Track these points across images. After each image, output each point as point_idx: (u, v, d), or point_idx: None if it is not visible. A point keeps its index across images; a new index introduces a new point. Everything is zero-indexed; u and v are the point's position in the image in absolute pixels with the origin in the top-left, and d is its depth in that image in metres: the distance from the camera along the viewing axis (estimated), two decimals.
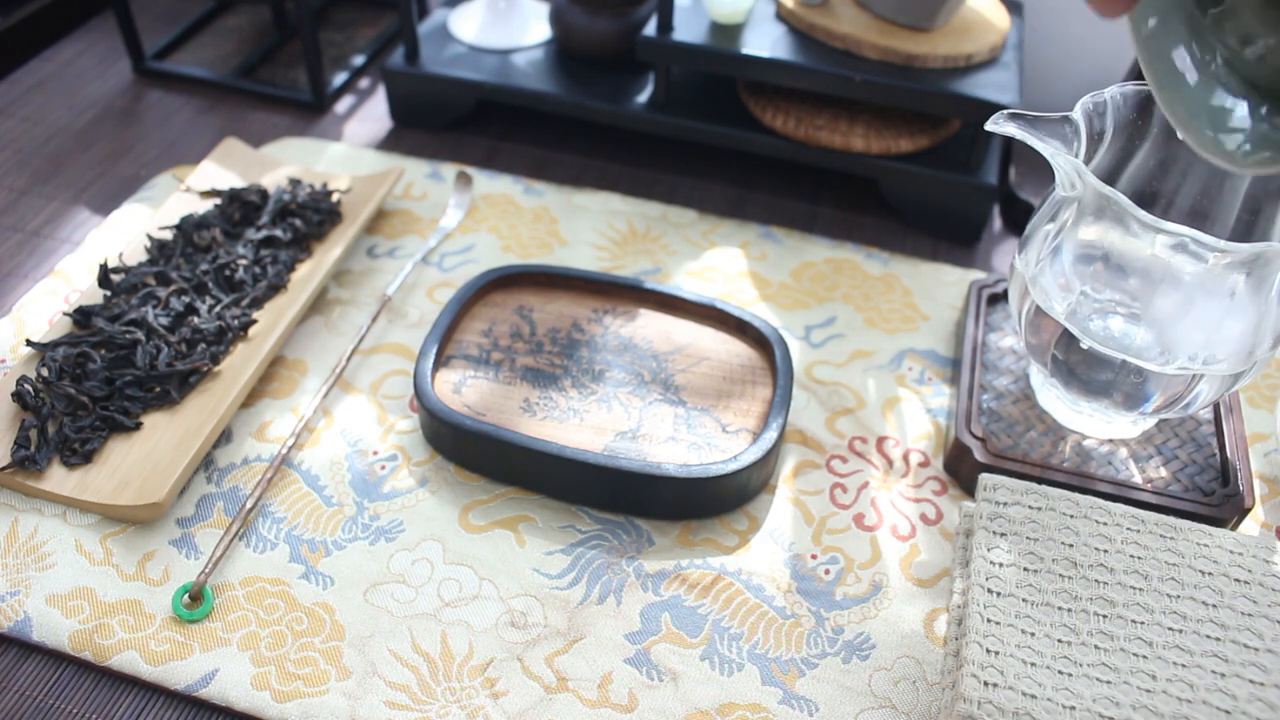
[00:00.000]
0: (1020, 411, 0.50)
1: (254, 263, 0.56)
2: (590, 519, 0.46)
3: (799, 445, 0.50)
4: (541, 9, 0.74)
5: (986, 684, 0.36)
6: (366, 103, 0.75)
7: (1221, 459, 0.48)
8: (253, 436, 0.49)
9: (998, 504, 0.42)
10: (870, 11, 0.64)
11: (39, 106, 0.73)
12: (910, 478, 0.49)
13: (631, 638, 0.42)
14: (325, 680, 0.40)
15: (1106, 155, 0.45)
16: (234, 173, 0.63)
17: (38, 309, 0.55)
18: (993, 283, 0.56)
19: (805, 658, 0.41)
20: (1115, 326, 0.45)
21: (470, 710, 0.39)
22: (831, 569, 0.45)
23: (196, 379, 0.50)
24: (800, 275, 0.59)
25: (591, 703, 0.40)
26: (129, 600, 0.42)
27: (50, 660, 0.41)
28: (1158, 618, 0.38)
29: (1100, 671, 0.37)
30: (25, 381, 0.48)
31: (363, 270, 0.59)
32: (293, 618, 0.42)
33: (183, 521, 0.45)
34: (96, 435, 0.47)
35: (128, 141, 0.70)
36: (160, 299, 0.52)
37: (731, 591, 0.44)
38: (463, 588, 0.43)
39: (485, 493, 0.47)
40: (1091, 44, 0.74)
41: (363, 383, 0.52)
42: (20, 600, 0.42)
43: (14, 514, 0.45)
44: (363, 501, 0.47)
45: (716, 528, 0.46)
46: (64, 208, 0.64)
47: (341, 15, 0.84)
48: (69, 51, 0.79)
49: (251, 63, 0.77)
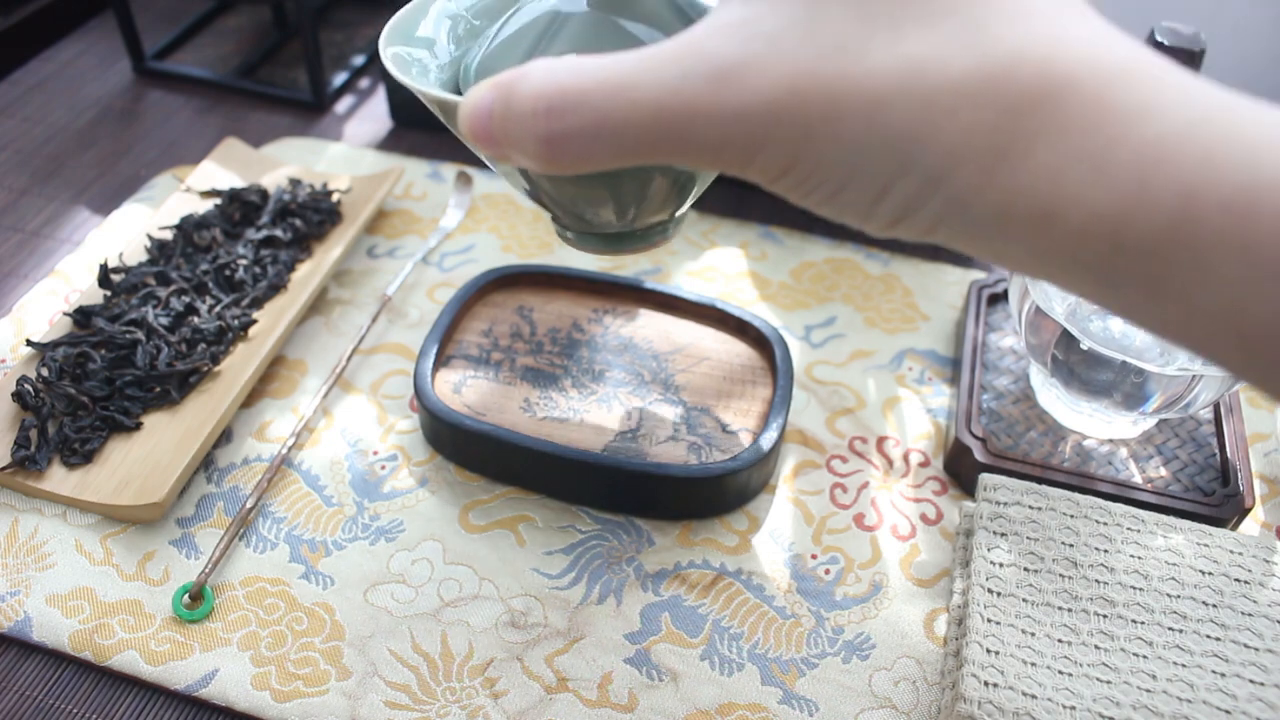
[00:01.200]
0: (1020, 411, 0.50)
1: (254, 263, 0.56)
2: (590, 519, 0.46)
3: (799, 445, 0.50)
4: None
5: (987, 684, 0.36)
6: (366, 103, 0.75)
7: (1221, 459, 0.48)
8: (253, 436, 0.49)
9: (998, 504, 0.42)
10: None
11: (39, 106, 0.73)
12: (910, 478, 0.49)
13: (631, 638, 0.42)
14: (325, 680, 0.40)
15: None
16: (234, 173, 0.63)
17: (38, 309, 0.55)
18: (993, 283, 0.56)
19: (805, 658, 0.41)
20: (1115, 327, 0.45)
21: (470, 710, 0.39)
22: (831, 569, 0.45)
23: (196, 379, 0.50)
24: (800, 275, 0.59)
25: (591, 703, 0.40)
26: (129, 600, 0.42)
27: (50, 660, 0.41)
28: (1158, 618, 0.38)
29: (1100, 671, 0.37)
30: (25, 381, 0.48)
31: (363, 270, 0.59)
32: (293, 618, 0.42)
33: (183, 521, 0.45)
34: (96, 435, 0.47)
35: (128, 141, 0.70)
36: (160, 299, 0.52)
37: (731, 591, 0.44)
38: (463, 588, 0.43)
39: (485, 493, 0.47)
40: None
41: (363, 383, 0.52)
42: (20, 600, 0.42)
43: (14, 514, 0.45)
44: (363, 501, 0.47)
45: (716, 528, 0.46)
46: (64, 208, 0.64)
47: (341, 15, 0.84)
48: (69, 51, 0.79)
49: (251, 63, 0.77)
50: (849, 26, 0.21)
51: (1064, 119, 0.21)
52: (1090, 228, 0.21)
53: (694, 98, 0.21)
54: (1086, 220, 0.21)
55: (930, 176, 0.22)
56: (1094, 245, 0.21)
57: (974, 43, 0.21)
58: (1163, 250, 0.20)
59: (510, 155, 0.23)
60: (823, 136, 0.22)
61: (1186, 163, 0.20)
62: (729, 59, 0.21)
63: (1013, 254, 0.22)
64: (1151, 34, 0.54)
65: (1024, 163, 0.21)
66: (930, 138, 0.21)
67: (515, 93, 0.23)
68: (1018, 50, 0.21)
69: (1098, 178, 0.21)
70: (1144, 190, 0.20)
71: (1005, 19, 0.22)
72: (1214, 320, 0.20)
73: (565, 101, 0.22)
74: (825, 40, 0.21)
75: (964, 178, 0.22)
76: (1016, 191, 0.21)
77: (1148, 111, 0.21)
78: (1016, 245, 0.22)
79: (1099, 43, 0.22)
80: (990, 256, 0.23)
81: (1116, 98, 0.21)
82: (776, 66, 0.21)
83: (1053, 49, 0.21)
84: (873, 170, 0.22)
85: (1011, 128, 0.21)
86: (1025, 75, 0.21)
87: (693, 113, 0.22)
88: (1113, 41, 0.22)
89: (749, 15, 0.22)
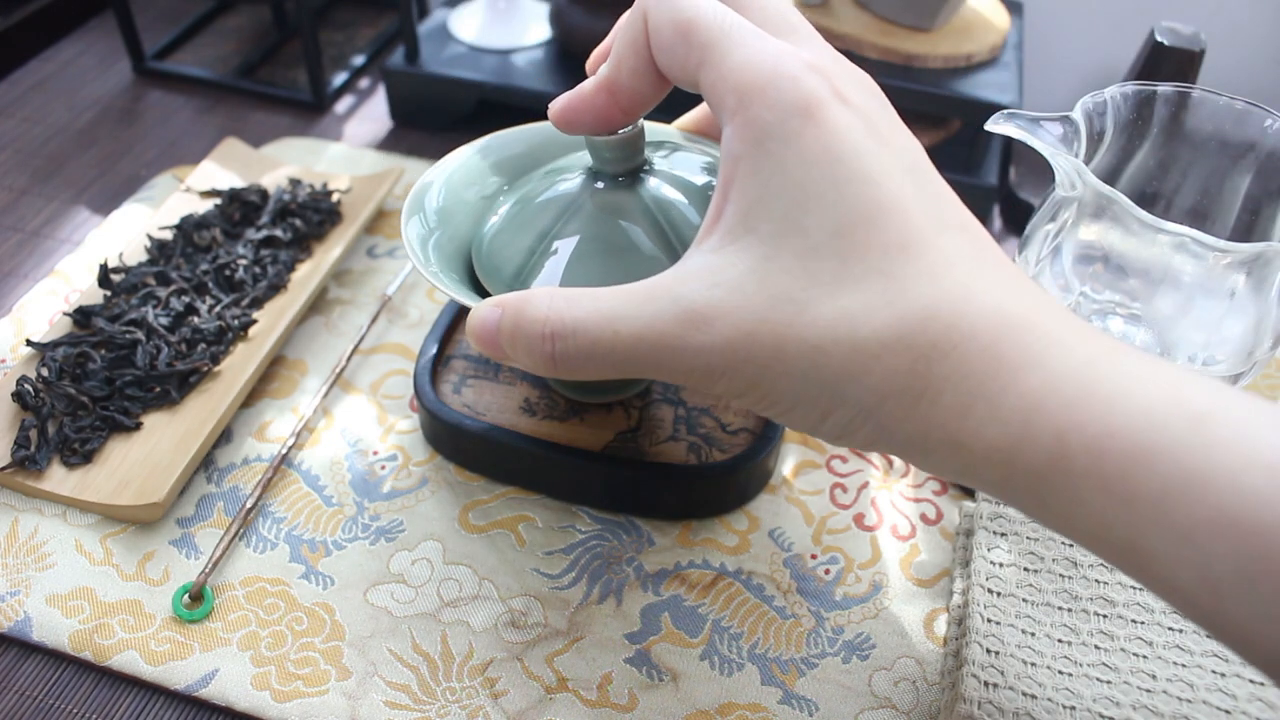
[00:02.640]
0: None
1: (254, 263, 0.56)
2: (590, 519, 0.46)
3: (799, 445, 0.50)
4: (541, 9, 0.74)
5: (987, 684, 0.36)
6: (366, 103, 0.75)
7: None
8: (253, 436, 0.49)
9: (998, 504, 0.42)
10: (870, 12, 0.64)
11: (39, 106, 0.73)
12: (910, 477, 0.49)
13: (631, 638, 0.42)
14: (325, 680, 0.40)
15: (1106, 155, 0.45)
16: (234, 173, 0.63)
17: (38, 309, 0.55)
18: None
19: (805, 658, 0.42)
20: (1115, 327, 0.45)
21: (470, 710, 0.39)
22: (831, 569, 0.45)
23: (196, 379, 0.50)
24: None
25: (591, 703, 0.40)
26: (129, 600, 0.42)
27: (50, 660, 0.41)
28: (1158, 618, 0.38)
29: (1100, 671, 0.37)
30: (25, 381, 0.48)
31: (363, 270, 0.59)
32: (293, 618, 0.42)
33: (183, 521, 0.45)
34: (96, 435, 0.47)
35: (128, 141, 0.70)
36: (160, 299, 0.52)
37: (732, 591, 0.44)
38: (463, 588, 0.43)
39: (485, 493, 0.47)
40: (1091, 44, 0.74)
41: (363, 383, 0.52)
42: (20, 600, 0.42)
43: (14, 514, 0.45)
44: (363, 501, 0.47)
45: (716, 528, 0.46)
46: (64, 208, 0.64)
47: (341, 15, 0.84)
48: (69, 51, 0.79)
49: (251, 63, 0.77)
50: (796, 281, 0.26)
51: (966, 367, 0.25)
52: (990, 456, 0.25)
53: (664, 335, 0.26)
54: (987, 451, 0.25)
55: (861, 409, 0.26)
56: (993, 470, 0.25)
57: (895, 300, 0.25)
58: (1044, 478, 0.25)
59: (512, 361, 0.29)
60: (774, 372, 0.26)
61: (1058, 409, 0.24)
62: (695, 304, 0.26)
63: (934, 467, 0.27)
64: (1151, 34, 0.54)
65: (937, 401, 0.25)
66: (859, 378, 0.26)
67: (524, 317, 0.28)
68: (932, 307, 0.25)
69: (993, 417, 0.25)
70: (1027, 429, 0.24)
71: (925, 278, 0.26)
72: (1088, 537, 0.25)
73: (564, 329, 0.27)
74: (776, 291, 0.26)
75: (888, 411, 0.26)
76: (931, 424, 0.26)
77: (1032, 362, 0.25)
78: (936, 462, 0.27)
79: (1005, 298, 0.26)
80: (918, 465, 0.28)
81: (1008, 350, 0.25)
82: (734, 314, 0.26)
83: (961, 305, 0.26)
84: (814, 400, 0.26)
85: (925, 372, 0.25)
86: (935, 330, 0.25)
87: (664, 347, 0.26)
88: (1019, 295, 0.26)
89: (714, 265, 0.27)
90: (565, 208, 0.38)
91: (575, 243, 0.37)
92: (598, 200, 0.37)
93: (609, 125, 0.34)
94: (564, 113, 0.34)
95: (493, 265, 0.39)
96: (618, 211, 0.37)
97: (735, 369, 0.26)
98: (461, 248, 0.42)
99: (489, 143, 0.45)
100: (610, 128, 0.34)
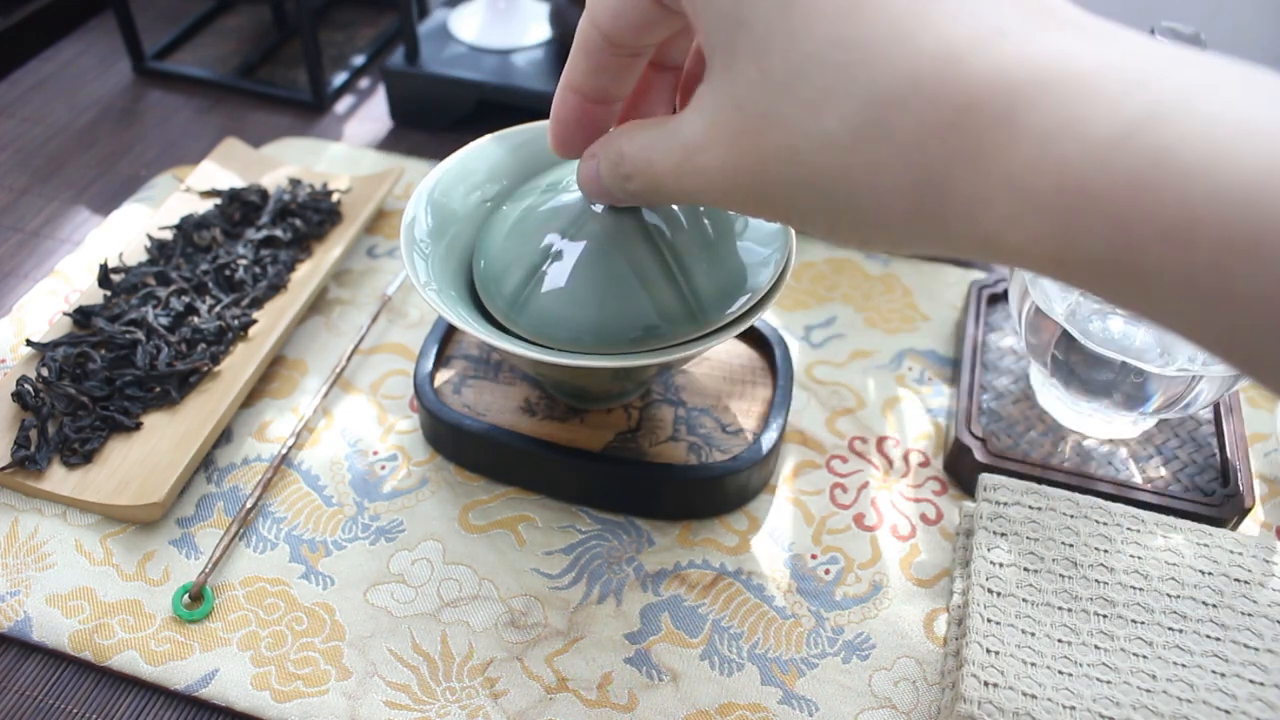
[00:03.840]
0: (1020, 411, 0.50)
1: (254, 263, 0.56)
2: (590, 519, 0.46)
3: (799, 445, 0.50)
4: (541, 9, 0.74)
5: (987, 684, 0.36)
6: (366, 103, 0.75)
7: (1221, 459, 0.48)
8: (253, 436, 0.49)
9: (998, 504, 0.42)
10: None
11: (39, 106, 0.73)
12: (910, 478, 0.49)
13: (631, 637, 0.42)
14: (325, 680, 0.40)
15: None
16: (234, 173, 0.63)
17: (38, 309, 0.55)
18: (993, 283, 0.56)
19: (805, 658, 0.41)
20: (1115, 327, 0.45)
21: (470, 710, 0.39)
22: (831, 569, 0.45)
23: (196, 379, 0.50)
24: (800, 275, 0.59)
25: (591, 703, 0.40)
26: (129, 600, 0.42)
27: (50, 660, 0.41)
28: (1158, 618, 0.38)
29: (1100, 671, 0.37)
30: (25, 381, 0.48)
31: (363, 270, 0.59)
32: (293, 618, 0.42)
33: (183, 521, 0.45)
34: (96, 435, 0.47)
35: (128, 141, 0.70)
36: (160, 299, 0.52)
37: (731, 591, 0.44)
38: (463, 588, 0.43)
39: (485, 493, 0.47)
40: None
41: (363, 383, 0.52)
42: (20, 600, 0.42)
43: (14, 514, 0.45)
44: (363, 501, 0.47)
45: (716, 528, 0.46)
46: (64, 208, 0.64)
47: (341, 15, 0.84)
48: (69, 51, 0.79)
49: (251, 63, 0.77)
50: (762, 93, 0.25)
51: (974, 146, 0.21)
52: (1030, 249, 0.21)
53: (677, 165, 0.29)
54: (1025, 243, 0.21)
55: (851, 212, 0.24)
56: (1038, 264, 0.21)
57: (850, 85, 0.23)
58: (1107, 270, 0.20)
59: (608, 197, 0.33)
60: (768, 181, 0.26)
61: (1115, 191, 0.19)
62: (690, 139, 0.28)
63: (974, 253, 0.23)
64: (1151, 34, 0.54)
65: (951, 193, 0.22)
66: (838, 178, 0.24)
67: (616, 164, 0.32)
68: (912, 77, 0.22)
69: (1024, 206, 0.20)
70: (1074, 218, 0.20)
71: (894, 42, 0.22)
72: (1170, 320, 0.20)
73: (634, 169, 0.31)
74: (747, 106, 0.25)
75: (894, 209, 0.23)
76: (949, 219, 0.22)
77: (1066, 127, 0.20)
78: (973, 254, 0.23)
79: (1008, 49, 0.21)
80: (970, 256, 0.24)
81: (1026, 116, 0.20)
82: (720, 137, 0.27)
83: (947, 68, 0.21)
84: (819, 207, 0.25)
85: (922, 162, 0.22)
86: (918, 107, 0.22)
87: (678, 174, 0.29)
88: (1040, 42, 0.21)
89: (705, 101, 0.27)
90: (566, 225, 0.38)
91: (575, 260, 0.38)
92: (597, 222, 0.38)
93: (595, 126, 0.34)
94: (557, 141, 0.35)
95: (494, 287, 0.40)
96: (616, 234, 0.37)
97: (741, 186, 0.27)
98: (463, 256, 0.42)
99: (490, 143, 0.45)
100: (599, 128, 0.34)
